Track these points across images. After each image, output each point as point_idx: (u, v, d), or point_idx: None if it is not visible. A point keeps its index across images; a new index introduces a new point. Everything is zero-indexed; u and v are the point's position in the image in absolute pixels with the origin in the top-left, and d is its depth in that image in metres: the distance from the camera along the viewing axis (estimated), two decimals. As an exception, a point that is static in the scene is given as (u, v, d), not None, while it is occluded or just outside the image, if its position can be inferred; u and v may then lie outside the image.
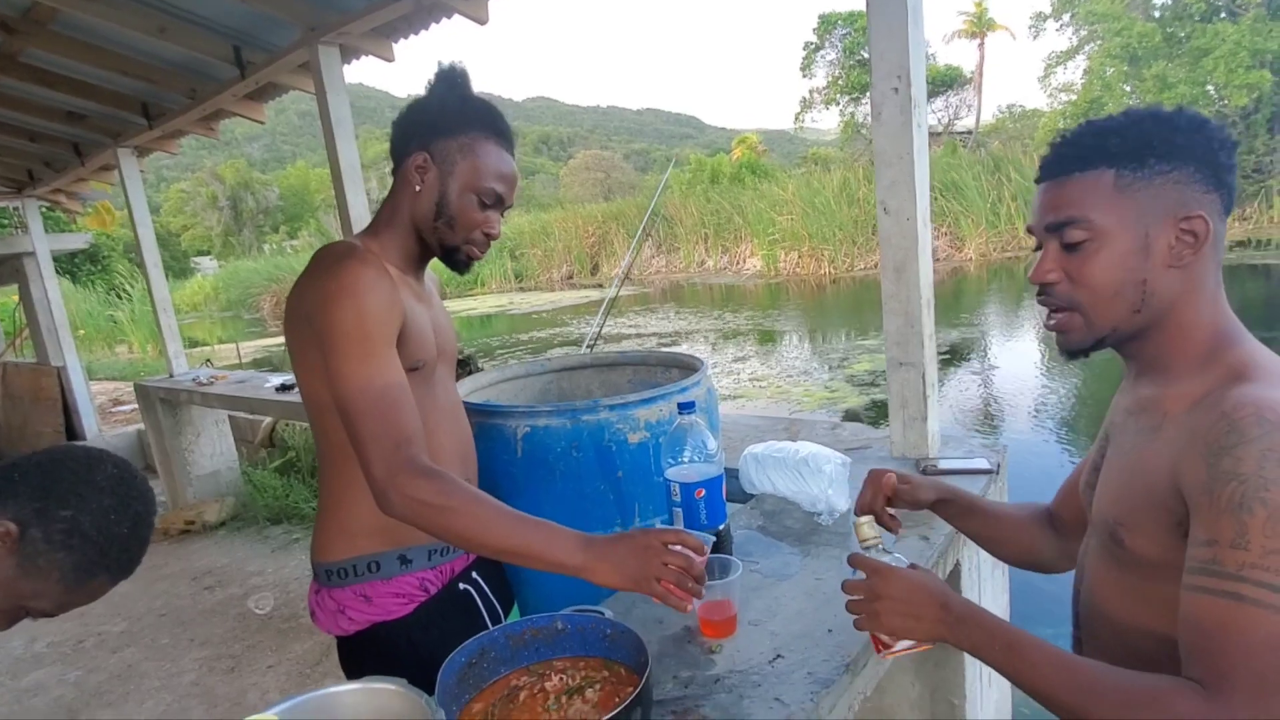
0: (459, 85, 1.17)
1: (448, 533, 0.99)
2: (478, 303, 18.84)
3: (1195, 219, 0.77)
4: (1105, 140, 0.80)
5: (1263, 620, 0.65)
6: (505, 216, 1.22)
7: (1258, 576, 0.65)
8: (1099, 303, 0.81)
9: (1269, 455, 0.66)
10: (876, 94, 1.62)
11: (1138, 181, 0.78)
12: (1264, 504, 0.65)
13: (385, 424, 1.00)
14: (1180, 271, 0.79)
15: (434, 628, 1.17)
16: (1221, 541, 0.67)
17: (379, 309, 1.04)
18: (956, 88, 26.94)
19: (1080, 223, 0.80)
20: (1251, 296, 9.18)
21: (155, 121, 4.04)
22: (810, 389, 6.85)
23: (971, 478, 1.65)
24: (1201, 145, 0.78)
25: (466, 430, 1.30)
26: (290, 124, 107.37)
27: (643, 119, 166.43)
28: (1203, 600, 0.68)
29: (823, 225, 16.32)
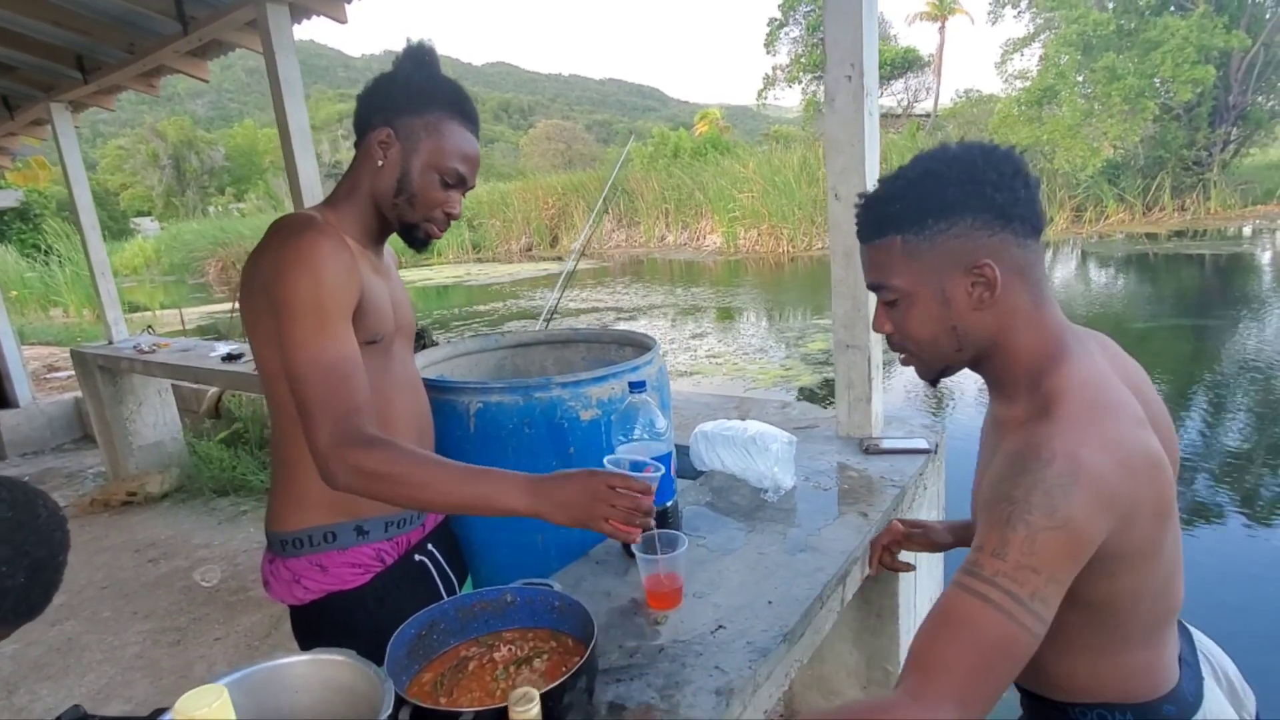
0: (427, 63, 1.17)
1: (396, 498, 1.00)
2: (434, 273, 18.52)
3: (983, 267, 0.83)
4: (889, 208, 0.87)
5: (999, 624, 0.71)
6: (465, 197, 1.22)
7: (1007, 585, 0.72)
8: (923, 348, 0.91)
9: (1037, 486, 0.73)
10: (830, 81, 1.64)
11: (922, 244, 0.85)
12: (1027, 525, 0.73)
13: (333, 395, 1.01)
14: (988, 311, 0.86)
15: (389, 598, 1.19)
16: (985, 549, 0.74)
17: (335, 281, 1.04)
18: (916, 70, 27.21)
19: (886, 287, 0.89)
20: (1187, 285, 9.59)
21: (91, 76, 3.85)
22: (766, 366, 6.96)
23: (912, 457, 1.72)
24: (974, 194, 0.83)
25: (424, 404, 1.30)
26: (237, 80, 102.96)
27: (605, 89, 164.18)
28: (959, 594, 0.74)
29: (783, 204, 16.43)
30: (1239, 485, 3.97)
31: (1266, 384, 5.44)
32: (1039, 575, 0.72)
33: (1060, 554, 0.72)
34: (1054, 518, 0.72)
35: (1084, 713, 0.90)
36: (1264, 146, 17.61)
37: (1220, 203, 15.05)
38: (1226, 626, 1.08)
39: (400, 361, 1.24)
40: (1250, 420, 4.89)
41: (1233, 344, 6.58)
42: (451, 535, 1.39)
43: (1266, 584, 3.02)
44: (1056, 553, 0.72)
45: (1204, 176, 15.34)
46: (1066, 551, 0.73)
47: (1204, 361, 6.22)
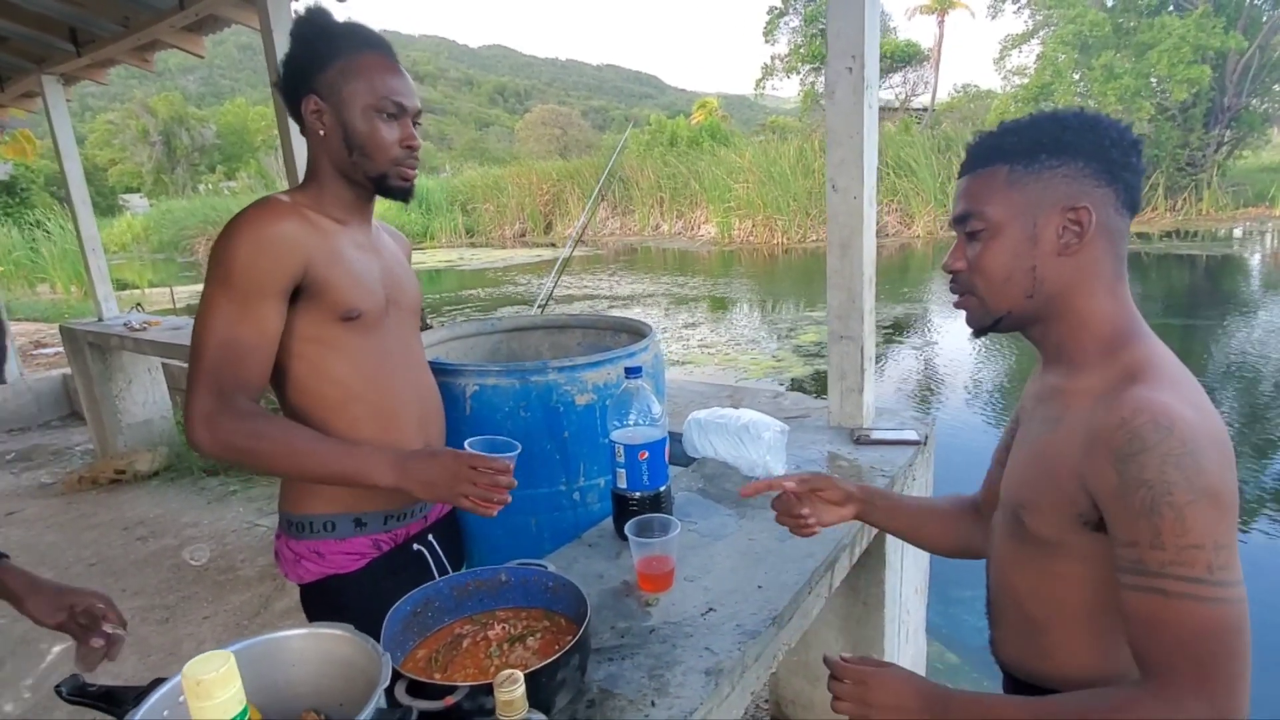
0: (316, 18, 1.15)
1: (266, 469, 1.06)
2: (427, 257, 18.42)
3: (1080, 209, 0.83)
4: (1003, 140, 0.87)
5: (1190, 611, 0.71)
6: (420, 124, 1.19)
7: (1177, 572, 0.71)
8: (993, 287, 0.88)
9: (1168, 460, 0.72)
10: (831, 73, 1.65)
11: (1028, 176, 0.84)
12: (1170, 506, 0.72)
13: (217, 370, 1.04)
14: (1070, 259, 0.85)
15: (384, 582, 1.20)
16: (1141, 543, 0.74)
17: (260, 259, 1.04)
18: (915, 64, 27.16)
19: (976, 215, 0.87)
20: (1177, 286, 9.67)
21: (84, 49, 3.80)
22: (757, 357, 6.98)
23: (902, 448, 1.74)
24: (1091, 142, 0.83)
25: (427, 384, 1.29)
26: (229, 57, 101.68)
27: (602, 75, 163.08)
28: (1138, 597, 0.74)
29: (778, 195, 16.42)
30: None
31: (1252, 385, 5.51)
32: (1204, 550, 0.71)
33: (1213, 520, 0.72)
34: (1193, 488, 0.71)
35: None
36: (1257, 149, 17.71)
37: (1212, 204, 15.14)
38: None
39: (396, 339, 1.23)
40: (1234, 421, 4.96)
41: (1220, 345, 6.65)
42: (455, 527, 1.41)
43: (1248, 583, 3.07)
44: (1209, 520, 0.71)
45: (1197, 177, 15.42)
46: (1218, 515, 0.72)
47: (1192, 361, 6.26)
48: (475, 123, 78.95)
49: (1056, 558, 0.86)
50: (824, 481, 1.13)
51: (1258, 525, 3.57)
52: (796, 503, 1.12)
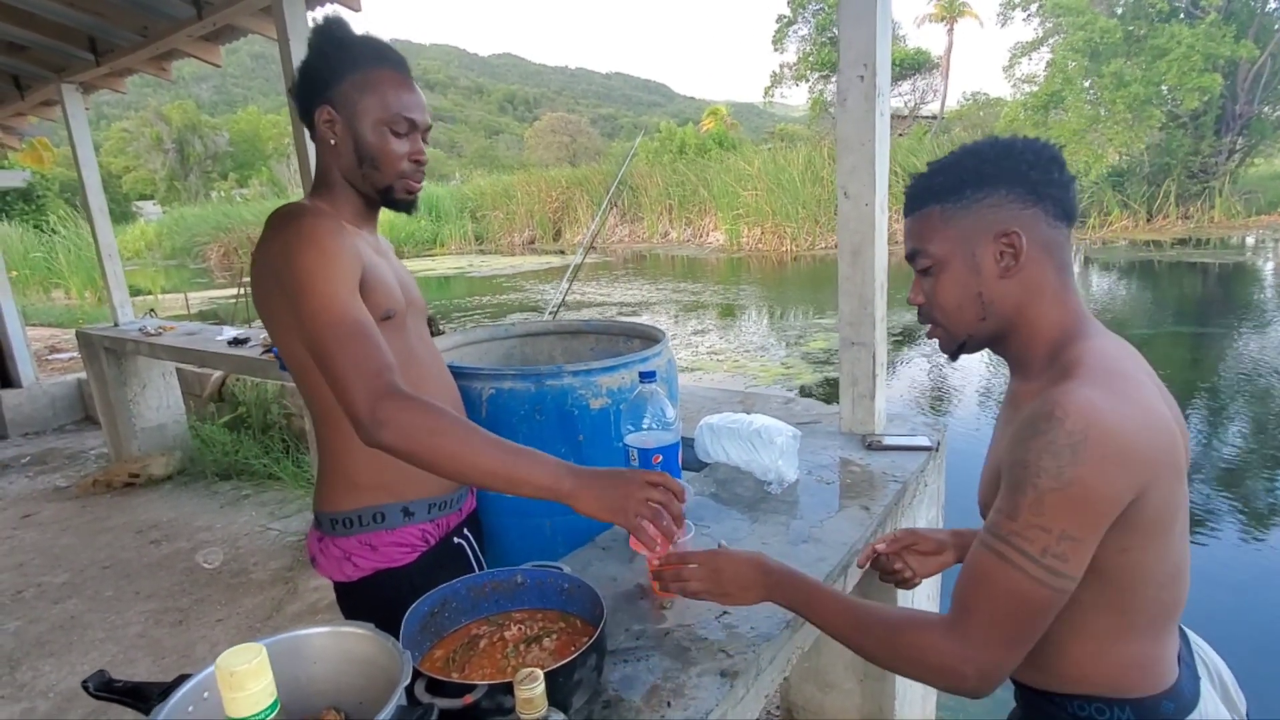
0: (334, 31, 1.17)
1: (438, 455, 0.96)
2: (436, 264, 18.53)
3: (1011, 234, 0.89)
4: (932, 181, 0.95)
5: (1010, 576, 0.79)
6: (428, 140, 1.22)
7: (1016, 543, 0.79)
8: (949, 316, 0.96)
9: (1047, 448, 0.77)
10: (842, 80, 1.66)
11: (958, 210, 0.92)
12: (1034, 488, 0.78)
13: (362, 355, 0.99)
14: (1013, 280, 0.91)
15: (433, 576, 1.19)
16: (1002, 510, 0.81)
17: (341, 253, 1.06)
18: (924, 71, 27.18)
19: (922, 253, 0.95)
20: (1188, 294, 9.61)
21: (103, 58, 3.86)
22: (766, 364, 6.98)
23: (913, 454, 1.75)
24: (1009, 169, 0.90)
25: (451, 382, 1.32)
26: (243, 66, 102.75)
27: (611, 83, 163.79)
28: (981, 551, 0.82)
29: (786, 203, 16.43)
30: (1236, 493, 3.99)
31: (1265, 394, 5.47)
32: (1049, 533, 0.77)
33: (1069, 511, 0.77)
34: (1060, 478, 0.76)
35: (1081, 705, 0.90)
36: (1269, 157, 17.62)
37: (1224, 212, 15.06)
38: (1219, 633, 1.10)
39: (419, 338, 1.26)
40: (1248, 429, 4.92)
41: (1233, 353, 6.60)
42: (479, 523, 1.42)
43: (1260, 592, 3.05)
44: (1065, 511, 0.76)
45: (1209, 185, 15.34)
46: (1076, 509, 0.76)
47: (1204, 370, 6.24)
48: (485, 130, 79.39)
49: None
50: (912, 537, 1.19)
51: (1271, 535, 3.54)
52: (889, 561, 1.19)
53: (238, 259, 20.73)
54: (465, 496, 1.33)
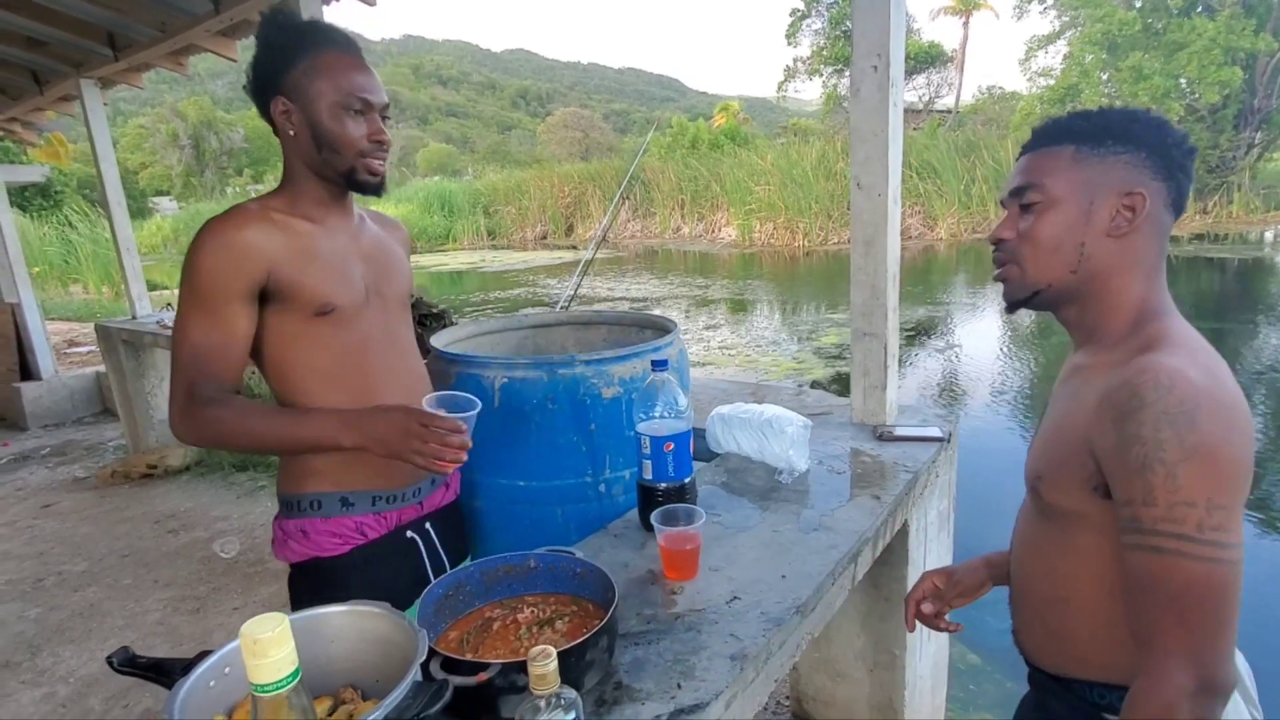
0: (279, 20, 1.17)
1: (230, 443, 1.12)
2: (449, 259, 18.60)
3: (1136, 194, 0.86)
4: (1073, 123, 0.90)
5: (1178, 568, 0.72)
6: (389, 119, 1.21)
7: (1168, 528, 0.73)
8: (1040, 257, 0.90)
9: (1163, 417, 0.74)
10: (856, 71, 1.66)
11: (1092, 157, 0.88)
12: (1163, 463, 0.73)
13: (189, 371, 1.12)
14: (1117, 242, 0.87)
15: (369, 570, 1.24)
16: (1135, 500, 0.75)
17: (222, 267, 1.10)
18: (939, 65, 26.95)
19: (1036, 187, 0.90)
20: (1206, 289, 9.50)
21: (121, 53, 3.90)
22: (778, 359, 6.97)
23: (925, 444, 1.75)
24: (1156, 137, 0.87)
25: (415, 373, 1.31)
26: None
27: (623, 78, 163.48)
28: (1134, 556, 0.76)
29: (799, 197, 16.37)
30: (1253, 490, 3.95)
31: (1284, 390, 5.41)
32: (1195, 507, 0.72)
33: (1207, 478, 0.72)
34: (1185, 445, 0.72)
35: (1102, 693, 0.88)
36: (1289, 151, 17.37)
37: (1243, 207, 14.86)
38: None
39: (379, 327, 1.24)
40: (1267, 425, 4.87)
41: (1251, 349, 6.53)
42: (456, 517, 1.41)
43: (1275, 590, 3.02)
44: (1203, 478, 0.72)
45: (1227, 180, 15.14)
46: (1212, 473, 0.72)
47: (1221, 366, 6.17)
48: (498, 126, 79.54)
49: (1074, 530, 0.87)
50: (952, 588, 1.14)
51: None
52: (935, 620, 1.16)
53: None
54: (427, 491, 1.32)
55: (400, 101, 78.52)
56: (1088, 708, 0.90)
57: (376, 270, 1.26)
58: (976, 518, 2.40)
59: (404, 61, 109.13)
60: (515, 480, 1.41)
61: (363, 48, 1.22)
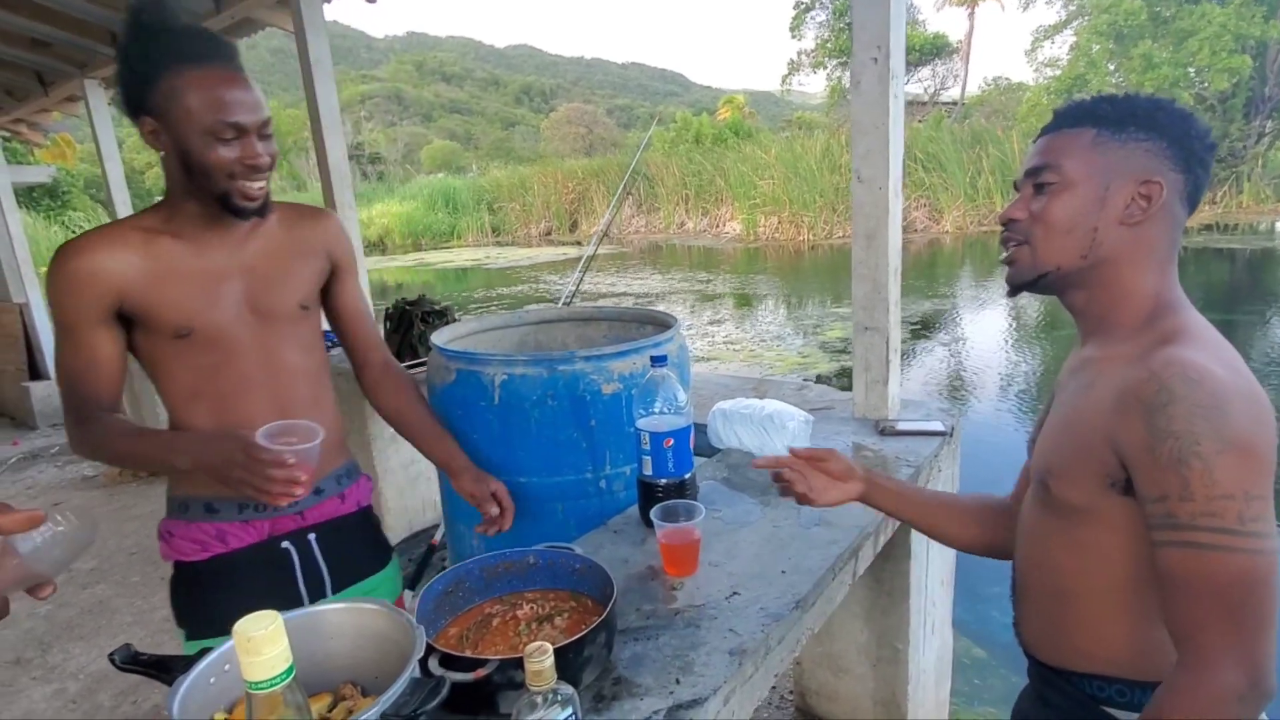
0: (140, 26, 1.07)
1: (108, 459, 1.17)
2: (453, 255, 18.63)
3: (1153, 183, 0.84)
4: (1097, 106, 0.89)
5: (1222, 562, 0.71)
6: (270, 134, 1.13)
7: (1208, 523, 0.71)
8: (1051, 238, 0.89)
9: (1196, 411, 0.73)
10: (856, 64, 1.65)
11: (1113, 142, 0.86)
12: (1199, 457, 0.72)
13: (69, 394, 1.16)
14: (1130, 230, 0.86)
15: (229, 579, 1.22)
16: (1171, 496, 0.74)
17: (69, 296, 1.11)
18: (944, 57, 26.80)
19: (1053, 168, 0.88)
20: (1215, 280, 9.43)
21: (125, 53, 3.91)
22: (783, 354, 6.96)
23: (927, 439, 1.74)
24: (1180, 127, 0.86)
25: (294, 395, 1.25)
26: (262, 61, 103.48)
27: (627, 73, 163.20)
28: (1171, 553, 0.74)
29: (804, 191, 16.32)
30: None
31: (1295, 381, 5.37)
32: (1234, 499, 0.71)
33: (1244, 469, 0.72)
34: (1220, 439, 0.71)
35: (1101, 686, 0.88)
36: (1299, 140, 17.19)
37: (1253, 197, 14.75)
38: None
39: (251, 347, 1.20)
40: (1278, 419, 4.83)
41: (1262, 340, 6.48)
42: (354, 530, 1.35)
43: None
44: (1239, 470, 0.71)
45: (1237, 169, 15.02)
46: (1248, 465, 0.72)
47: (1230, 357, 6.13)
48: (501, 122, 79.54)
49: (1084, 526, 0.86)
50: (827, 453, 1.14)
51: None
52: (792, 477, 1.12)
53: (259, 252, 20.94)
54: (310, 502, 1.27)
55: (404, 99, 78.52)
56: (1086, 700, 0.89)
57: (258, 286, 1.20)
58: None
59: (407, 59, 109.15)
60: (515, 477, 1.41)
61: (365, 45, 1.20)
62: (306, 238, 1.28)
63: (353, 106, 62.74)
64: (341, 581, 1.31)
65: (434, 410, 1.44)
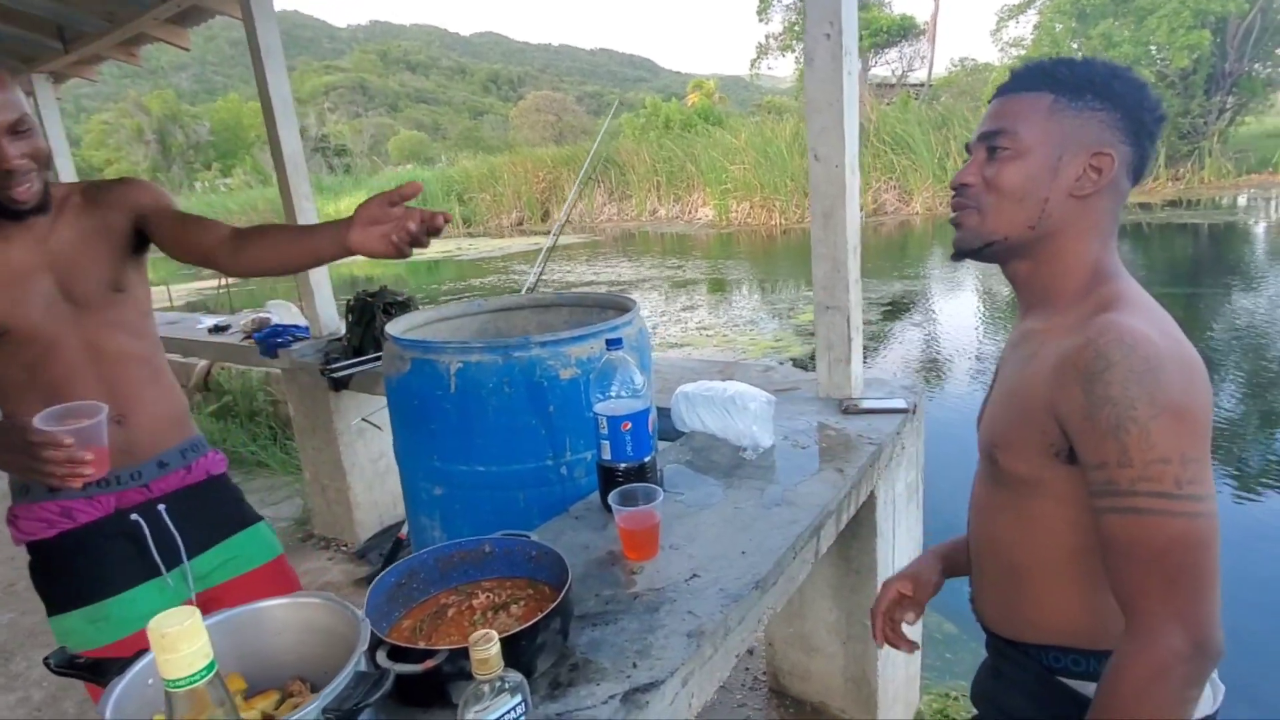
0: None
1: None
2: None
3: (1105, 155, 0.84)
4: (1056, 69, 0.87)
5: (1160, 526, 0.72)
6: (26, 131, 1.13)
7: (1146, 488, 0.72)
8: (1002, 206, 0.88)
9: (1130, 376, 0.73)
10: (809, 40, 1.64)
11: (1069, 110, 0.85)
12: (1135, 422, 0.72)
13: None
14: (1079, 202, 0.86)
15: (82, 552, 1.25)
16: (1110, 463, 0.74)
17: None
18: (911, 38, 26.89)
19: (1008, 133, 0.87)
20: (1179, 255, 9.61)
21: (71, 45, 3.79)
22: (756, 338, 6.98)
23: (890, 416, 1.75)
24: (1134, 99, 0.85)
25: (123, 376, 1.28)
26: (221, 53, 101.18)
27: (596, 60, 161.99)
28: (1112, 520, 0.75)
29: (774, 175, 16.33)
30: (1230, 454, 4.02)
31: (1259, 354, 5.49)
32: (1171, 463, 0.72)
33: (1179, 433, 0.72)
34: (1155, 404, 0.72)
35: (1056, 656, 0.88)
36: (1259, 114, 17.50)
37: (1214, 172, 15.01)
38: None
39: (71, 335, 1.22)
40: (1243, 389, 4.95)
41: (1225, 313, 6.62)
42: (203, 498, 1.38)
43: (1250, 551, 3.08)
44: (1174, 433, 0.72)
45: (1199, 145, 15.28)
46: (1183, 428, 0.72)
47: (1197, 330, 6.25)
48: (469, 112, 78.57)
49: (1032, 498, 0.87)
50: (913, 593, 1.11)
51: (1268, 495, 3.57)
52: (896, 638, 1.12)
53: (225, 249, 20.56)
54: (153, 474, 1.31)
55: (368, 89, 77.21)
56: (1042, 671, 0.90)
57: (68, 276, 1.21)
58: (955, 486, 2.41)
59: (371, 48, 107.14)
60: (474, 465, 1.39)
61: (327, 35, 1.17)
62: (106, 214, 1.27)
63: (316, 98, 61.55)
64: (196, 547, 1.35)
65: None
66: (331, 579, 3.06)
